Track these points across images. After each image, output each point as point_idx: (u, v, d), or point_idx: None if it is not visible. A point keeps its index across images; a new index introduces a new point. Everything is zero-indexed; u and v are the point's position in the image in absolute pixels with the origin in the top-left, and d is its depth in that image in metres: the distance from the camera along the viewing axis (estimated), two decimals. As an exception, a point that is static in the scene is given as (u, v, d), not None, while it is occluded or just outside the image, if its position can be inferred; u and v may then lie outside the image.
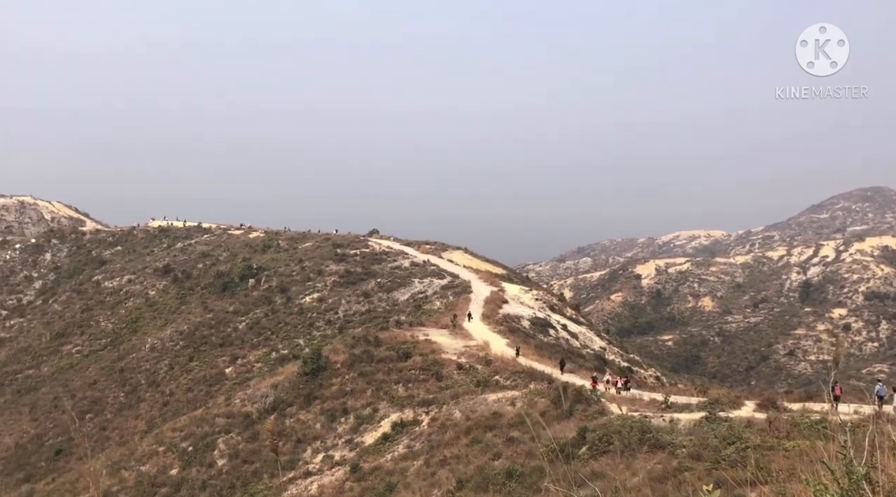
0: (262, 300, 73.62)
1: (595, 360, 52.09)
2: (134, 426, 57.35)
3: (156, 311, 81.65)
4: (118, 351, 73.90)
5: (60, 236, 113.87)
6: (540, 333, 54.05)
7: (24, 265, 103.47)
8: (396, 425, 33.64)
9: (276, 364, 56.70)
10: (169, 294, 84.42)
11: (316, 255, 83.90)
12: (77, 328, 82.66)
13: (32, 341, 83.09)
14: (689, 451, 19.61)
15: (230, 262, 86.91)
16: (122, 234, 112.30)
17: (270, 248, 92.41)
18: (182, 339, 69.97)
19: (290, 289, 74.24)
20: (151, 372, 66.18)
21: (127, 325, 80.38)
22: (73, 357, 77.05)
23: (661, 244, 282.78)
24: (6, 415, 69.98)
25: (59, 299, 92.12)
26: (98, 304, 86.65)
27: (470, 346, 43.06)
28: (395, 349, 42.13)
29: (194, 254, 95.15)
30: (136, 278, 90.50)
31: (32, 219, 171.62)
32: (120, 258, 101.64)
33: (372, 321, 59.34)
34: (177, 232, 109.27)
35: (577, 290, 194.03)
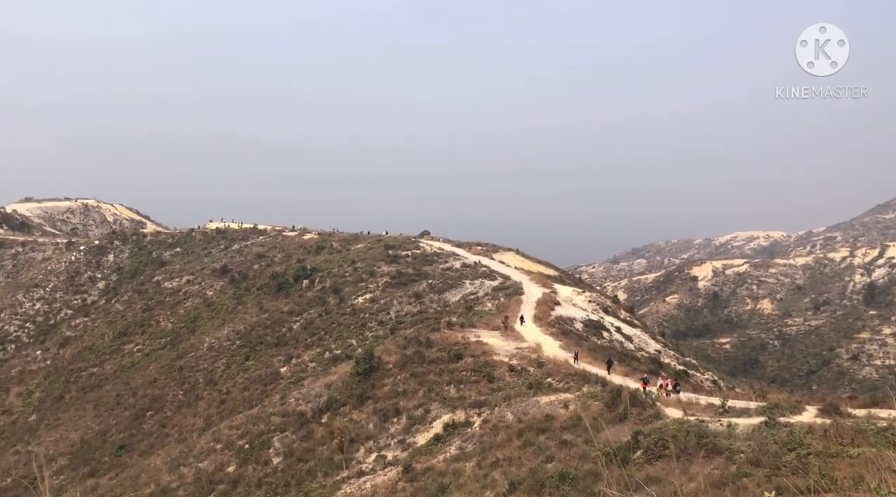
0: (315, 301, 74.63)
1: (650, 363, 51.27)
2: (192, 424, 58.76)
3: (213, 311, 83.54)
4: (177, 350, 75.85)
5: (122, 238, 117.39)
6: (593, 336, 53.49)
7: (88, 266, 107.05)
8: (448, 426, 33.69)
9: (330, 364, 57.36)
10: (226, 294, 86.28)
11: (368, 256, 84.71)
12: (138, 327, 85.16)
13: (96, 340, 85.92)
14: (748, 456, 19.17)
15: (285, 263, 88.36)
16: (181, 236, 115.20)
17: (324, 249, 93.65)
18: (238, 338, 71.42)
19: (343, 289, 75.08)
20: (209, 371, 67.72)
21: (186, 324, 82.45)
22: (135, 356, 79.39)
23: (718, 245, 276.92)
24: (72, 411, 72.56)
25: (121, 299, 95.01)
26: (158, 304, 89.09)
27: (522, 348, 42.86)
28: (447, 350, 42.21)
29: (250, 255, 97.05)
30: (195, 279, 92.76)
31: (96, 221, 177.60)
32: (179, 259, 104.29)
33: (423, 322, 59.50)
34: (233, 233, 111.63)
35: (632, 292, 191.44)
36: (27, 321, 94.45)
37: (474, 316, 56.91)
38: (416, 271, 76.69)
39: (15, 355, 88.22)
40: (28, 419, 74.86)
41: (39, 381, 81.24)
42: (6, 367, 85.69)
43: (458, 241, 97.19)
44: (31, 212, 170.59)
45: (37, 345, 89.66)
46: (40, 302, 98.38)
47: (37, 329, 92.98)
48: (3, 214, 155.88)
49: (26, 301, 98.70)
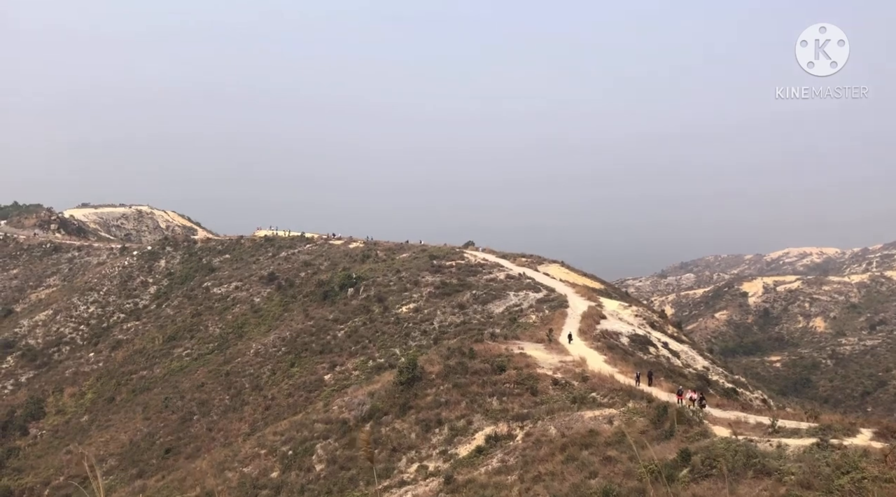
0: (360, 309, 75.23)
1: (697, 379, 50.31)
2: (238, 428, 59.63)
3: (260, 318, 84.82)
4: (224, 355, 77.18)
5: (174, 244, 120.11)
6: (639, 351, 52.73)
7: (140, 271, 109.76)
8: (490, 438, 33.52)
9: (373, 372, 57.69)
10: (273, 301, 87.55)
11: (412, 265, 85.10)
12: (187, 332, 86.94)
13: (146, 344, 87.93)
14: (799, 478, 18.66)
15: (331, 272, 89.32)
16: (231, 243, 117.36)
17: (369, 258, 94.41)
18: (284, 345, 72.35)
19: (388, 298, 75.52)
20: (255, 376, 68.71)
21: (233, 330, 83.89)
22: (183, 360, 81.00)
23: (770, 261, 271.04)
24: (122, 413, 74.33)
25: (172, 304, 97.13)
26: (207, 310, 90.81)
27: (566, 362, 42.50)
28: (490, 362, 42.07)
29: (297, 262, 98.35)
30: (243, 285, 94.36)
31: (149, 227, 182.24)
32: (228, 266, 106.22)
33: (467, 333, 59.41)
34: (281, 241, 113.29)
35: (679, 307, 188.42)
36: (81, 324, 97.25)
37: (518, 328, 56.61)
38: (459, 282, 76.73)
39: (69, 357, 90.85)
40: (80, 419, 76.95)
41: (92, 382, 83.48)
42: (61, 368, 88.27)
43: (502, 252, 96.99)
44: (87, 217, 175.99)
45: (90, 347, 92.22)
46: (94, 305, 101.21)
47: (90, 332, 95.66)
48: (61, 219, 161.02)
49: (81, 304, 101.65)
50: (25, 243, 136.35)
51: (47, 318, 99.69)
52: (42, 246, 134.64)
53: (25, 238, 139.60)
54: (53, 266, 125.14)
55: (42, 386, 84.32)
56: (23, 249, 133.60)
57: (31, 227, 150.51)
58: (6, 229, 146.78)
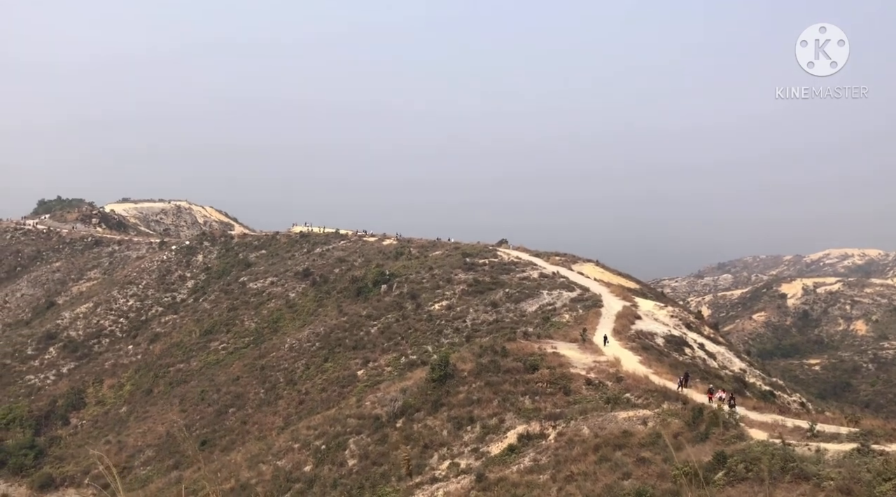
0: (393, 306, 75.55)
1: (734, 382, 49.63)
2: (272, 422, 60.36)
3: (295, 313, 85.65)
4: (260, 349, 78.12)
5: (211, 239, 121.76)
6: (675, 352, 52.18)
7: (178, 265, 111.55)
8: (522, 437, 33.48)
9: (405, 369, 57.92)
10: (307, 297, 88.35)
11: (445, 263, 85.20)
12: (223, 326, 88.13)
13: (184, 337, 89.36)
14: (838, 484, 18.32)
15: (364, 268, 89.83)
16: (267, 239, 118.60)
17: (402, 255, 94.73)
18: (318, 340, 72.99)
19: (420, 295, 75.73)
20: (289, 371, 69.44)
21: (268, 324, 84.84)
22: (219, 353, 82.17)
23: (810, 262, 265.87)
24: (159, 405, 75.71)
25: (209, 298, 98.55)
26: (243, 304, 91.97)
27: (600, 362, 42.23)
28: (523, 361, 41.97)
29: (331, 259, 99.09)
30: (278, 281, 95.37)
31: (187, 222, 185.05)
32: (264, 261, 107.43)
33: (499, 331, 59.37)
34: (316, 237, 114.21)
35: (716, 308, 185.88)
36: (121, 317, 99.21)
37: (551, 327, 56.41)
38: (492, 280, 76.64)
39: (109, 349, 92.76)
40: (119, 411, 78.59)
41: (130, 374, 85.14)
42: (101, 359, 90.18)
43: (535, 251, 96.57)
44: (128, 212, 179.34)
45: (129, 339, 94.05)
46: (133, 298, 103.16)
47: (129, 324, 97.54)
48: (102, 214, 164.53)
49: (120, 297, 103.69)
50: (67, 237, 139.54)
51: (88, 310, 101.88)
52: (83, 240, 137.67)
53: (67, 232, 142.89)
54: (94, 259, 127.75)
55: (83, 377, 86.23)
56: (65, 243, 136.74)
57: (73, 222, 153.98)
58: (49, 223, 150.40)
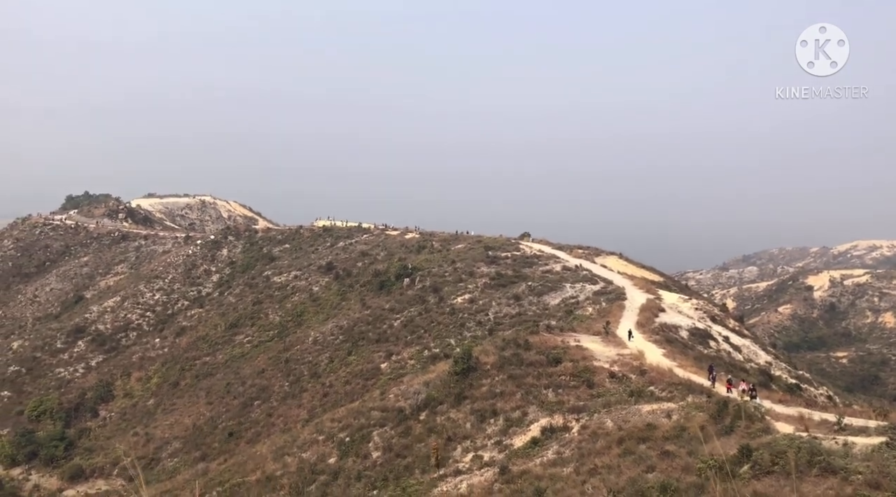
0: (416, 299, 75.79)
1: (760, 374, 49.16)
2: (297, 414, 60.88)
3: (318, 306, 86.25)
4: (284, 342, 78.79)
5: (236, 234, 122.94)
6: (699, 345, 51.80)
7: (204, 259, 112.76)
8: (546, 430, 33.45)
9: (428, 362, 58.07)
10: (331, 290, 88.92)
11: (468, 256, 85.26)
12: (248, 320, 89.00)
13: (209, 330, 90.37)
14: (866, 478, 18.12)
15: (387, 262, 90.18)
16: (290, 233, 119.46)
17: (425, 248, 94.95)
18: (342, 333, 73.45)
19: (443, 289, 75.88)
20: (313, 364, 69.97)
21: (292, 318, 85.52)
22: (244, 347, 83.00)
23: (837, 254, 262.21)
24: (186, 397, 76.68)
25: (234, 292, 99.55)
26: (267, 298, 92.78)
27: (623, 355, 42.07)
28: (546, 354, 41.94)
29: (354, 252, 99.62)
30: (302, 274, 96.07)
31: (212, 217, 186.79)
32: (288, 255, 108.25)
33: (522, 324, 59.30)
34: (339, 231, 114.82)
35: (741, 300, 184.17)
36: (147, 310, 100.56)
37: (574, 320, 56.31)
38: (515, 273, 76.59)
39: (136, 342, 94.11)
40: (147, 403, 79.74)
41: (157, 367, 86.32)
42: (128, 353, 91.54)
43: (558, 244, 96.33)
44: (153, 207, 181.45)
45: (156, 333, 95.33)
46: (160, 292, 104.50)
47: (156, 318, 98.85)
48: (129, 209, 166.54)
49: (147, 291, 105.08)
50: (95, 232, 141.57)
51: (115, 304, 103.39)
52: (111, 234, 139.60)
53: (95, 227, 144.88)
54: (121, 254, 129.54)
55: (111, 370, 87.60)
56: (93, 238, 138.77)
57: (100, 217, 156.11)
58: (77, 218, 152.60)
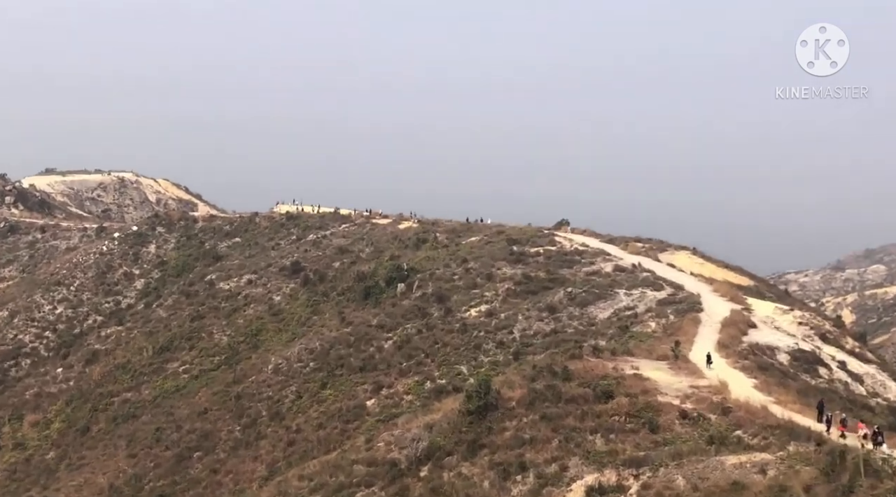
0: (413, 311, 75.64)
1: (890, 414, 48.92)
2: (252, 470, 60.82)
3: (281, 322, 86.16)
4: (234, 372, 78.70)
5: (167, 223, 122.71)
6: (805, 373, 51.57)
7: (123, 259, 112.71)
8: (593, 491, 33.33)
9: (432, 397, 57.94)
10: (298, 300, 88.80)
11: (484, 253, 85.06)
12: (185, 341, 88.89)
13: (132, 356, 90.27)
14: None
15: (374, 261, 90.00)
16: (242, 223, 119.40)
17: (426, 242, 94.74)
18: (313, 359, 73.32)
19: (451, 298, 75.73)
20: (274, 400, 69.89)
21: (246, 338, 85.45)
22: (180, 378, 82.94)
23: None
24: (100, 448, 76.61)
25: (165, 303, 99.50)
26: (211, 311, 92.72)
27: (699, 387, 41.90)
28: (592, 386, 41.81)
29: (330, 249, 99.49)
30: (259, 279, 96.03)
31: (134, 200, 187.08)
32: (239, 252, 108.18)
33: (559, 346, 59.17)
34: (308, 220, 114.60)
35: (863, 311, 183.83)
36: (46, 329, 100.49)
37: (631, 339, 56.13)
38: (549, 275, 76.37)
39: (30, 373, 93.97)
40: (45, 456, 79.63)
41: (60, 407, 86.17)
42: (19, 387, 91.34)
43: (608, 236, 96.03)
44: (53, 187, 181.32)
45: (57, 359, 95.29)
46: (63, 304, 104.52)
47: (58, 340, 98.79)
48: (19, 191, 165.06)
49: (45, 303, 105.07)
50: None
51: (1, 321, 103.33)
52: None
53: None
54: (9, 252, 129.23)
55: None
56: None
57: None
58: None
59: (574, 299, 70.26)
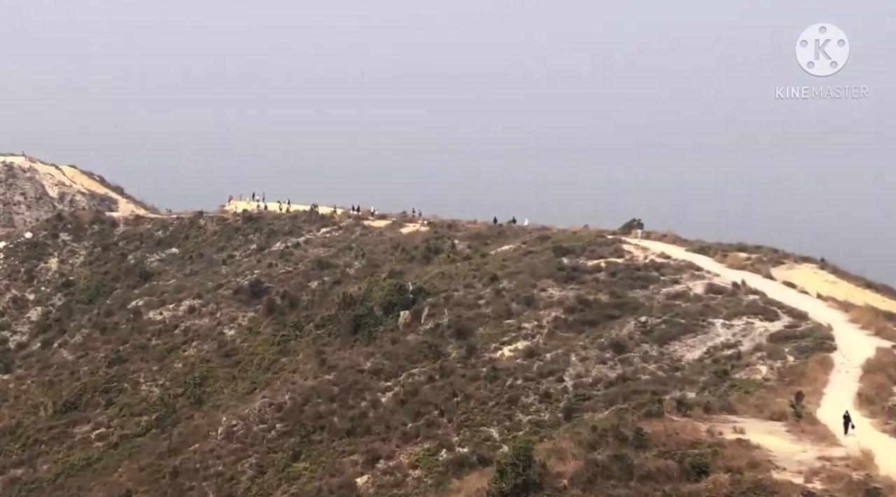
0: (422, 351, 75.34)
1: None
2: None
3: (236, 367, 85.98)
4: (169, 438, 78.60)
5: (75, 228, 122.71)
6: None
7: (11, 278, 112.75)
8: None
9: (449, 472, 57.70)
10: (260, 335, 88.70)
11: (522, 268, 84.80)
12: (100, 394, 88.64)
13: (24, 416, 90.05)
14: None
15: (366, 279, 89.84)
16: (181, 226, 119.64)
17: (439, 253, 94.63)
18: (281, 419, 73.14)
19: (475, 331, 75.42)
20: (226, 479, 69.74)
21: (186, 390, 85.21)
22: (93, 447, 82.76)
23: None
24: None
25: (71, 341, 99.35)
26: (137, 352, 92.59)
27: (832, 459, 41.40)
28: (677, 457, 41.39)
29: (304, 262, 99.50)
30: (204, 305, 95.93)
31: (27, 195, 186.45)
32: (176, 268, 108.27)
33: (629, 399, 58.85)
34: (274, 222, 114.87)
35: None
36: None
37: (733, 390, 55.65)
38: (615, 299, 76.02)
39: None
40: None
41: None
42: None
43: (698, 243, 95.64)
44: None
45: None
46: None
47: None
48: None
49: None
50: None
51: None
52: None
53: None
54: None
55: None
56: None
57: None
58: None
59: (650, 333, 69.89)
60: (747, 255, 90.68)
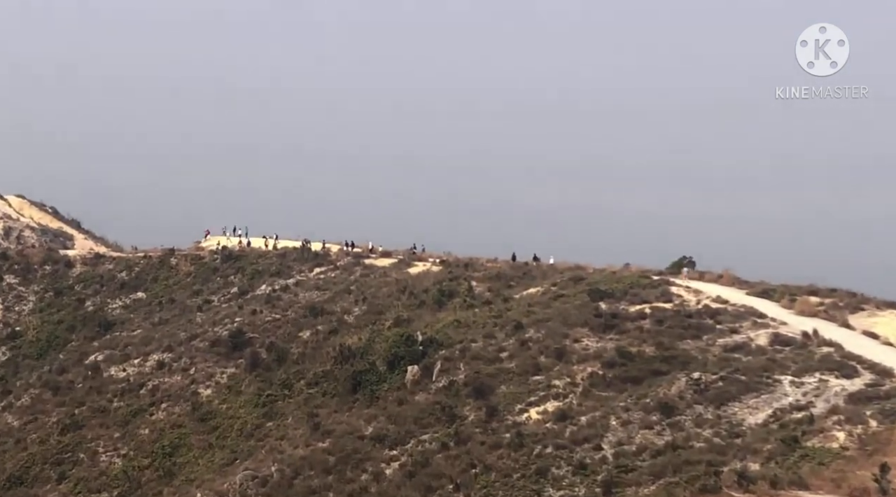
0: (434, 413, 75.28)
1: None
2: None
3: (213, 433, 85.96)
4: (134, 520, 78.43)
5: (22, 268, 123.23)
6: None
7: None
8: None
9: (465, 560, 57.58)
10: (241, 395, 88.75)
11: (552, 314, 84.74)
12: (52, 467, 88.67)
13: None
14: None
15: (368, 328, 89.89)
16: (149, 266, 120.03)
17: (453, 297, 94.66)
18: (266, 494, 72.99)
19: (496, 389, 75.36)
20: (201, 569, 69.59)
21: (154, 461, 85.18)
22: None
23: None
24: None
25: (17, 404, 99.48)
26: (96, 416, 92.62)
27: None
28: (740, 541, 41.35)
29: (294, 308, 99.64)
30: (176, 360, 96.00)
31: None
32: (143, 317, 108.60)
33: (680, 471, 58.55)
34: (258, 261, 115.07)
35: None
36: None
37: (804, 461, 55.42)
38: (662, 351, 75.85)
39: None
40: None
41: None
42: None
43: (761, 285, 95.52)
44: None
45: None
46: None
47: None
48: None
49: None
50: None
51: None
52: None
53: None
54: None
55: None
56: None
57: None
58: None
59: (705, 392, 69.69)
60: (820, 299, 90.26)
